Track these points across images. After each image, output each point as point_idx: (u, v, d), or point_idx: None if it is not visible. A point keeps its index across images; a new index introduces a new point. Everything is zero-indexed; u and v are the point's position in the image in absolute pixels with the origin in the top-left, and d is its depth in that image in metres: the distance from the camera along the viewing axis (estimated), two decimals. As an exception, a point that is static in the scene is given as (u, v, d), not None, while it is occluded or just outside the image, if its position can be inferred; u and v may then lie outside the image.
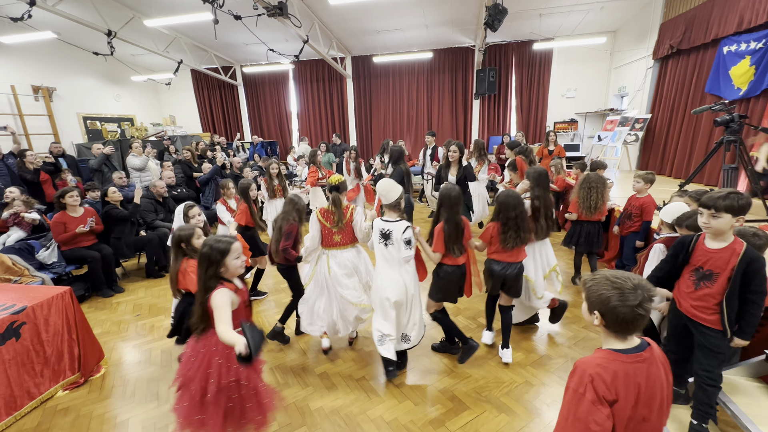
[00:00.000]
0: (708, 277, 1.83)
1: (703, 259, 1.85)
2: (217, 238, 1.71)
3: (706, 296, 1.84)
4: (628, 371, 1.09)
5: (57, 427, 2.26)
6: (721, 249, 1.78)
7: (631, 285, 1.08)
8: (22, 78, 7.96)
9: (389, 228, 2.40)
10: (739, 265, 1.71)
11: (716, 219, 1.72)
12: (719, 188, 3.66)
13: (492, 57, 9.40)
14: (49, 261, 3.91)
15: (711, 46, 5.69)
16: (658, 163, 6.94)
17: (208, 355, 1.69)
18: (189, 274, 2.22)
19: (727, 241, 1.78)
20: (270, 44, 7.82)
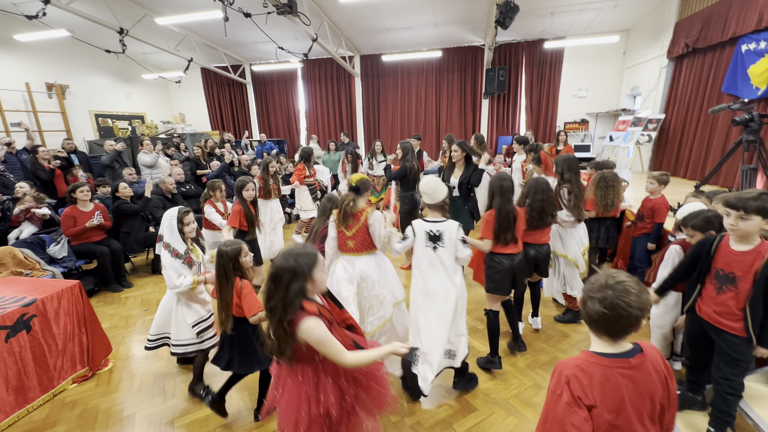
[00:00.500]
0: (731, 280, 1.74)
1: (725, 261, 1.76)
2: (299, 251, 1.41)
3: (729, 301, 1.75)
4: (607, 376, 1.03)
5: (64, 420, 2.27)
6: (747, 252, 1.69)
7: (602, 283, 1.04)
8: (36, 75, 8.08)
9: (438, 229, 2.20)
10: (764, 269, 1.62)
11: (745, 221, 1.62)
12: (737, 189, 3.57)
13: (502, 56, 9.31)
14: (59, 255, 3.95)
15: (729, 44, 5.55)
16: (672, 164, 6.80)
17: (299, 387, 1.44)
18: (248, 297, 1.97)
19: (753, 243, 1.68)
20: (279, 43, 7.83)
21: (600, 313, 1.02)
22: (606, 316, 1.01)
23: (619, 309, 0.99)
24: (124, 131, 9.97)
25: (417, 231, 2.26)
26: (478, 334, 3.10)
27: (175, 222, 2.37)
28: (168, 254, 2.32)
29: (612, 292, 1.01)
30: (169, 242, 2.34)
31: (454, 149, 3.83)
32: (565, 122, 9.29)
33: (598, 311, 1.02)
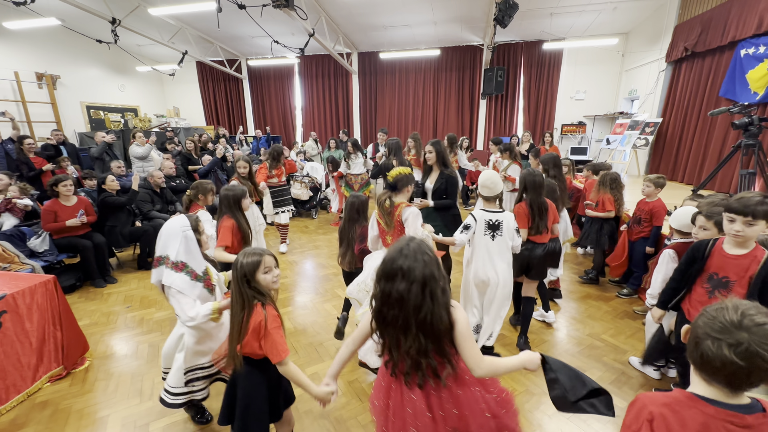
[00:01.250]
0: (724, 285, 1.70)
1: (720, 265, 1.72)
2: (422, 248, 1.22)
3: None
4: (709, 427, 0.83)
5: (33, 422, 2.16)
6: (742, 255, 1.65)
7: (732, 320, 0.80)
8: (25, 64, 7.91)
9: (497, 219, 2.40)
10: (759, 273, 1.58)
11: (751, 227, 1.57)
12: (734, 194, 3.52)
13: (500, 56, 9.25)
14: (40, 249, 3.82)
15: (727, 48, 5.52)
16: (669, 168, 6.77)
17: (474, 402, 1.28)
18: (273, 335, 1.47)
19: (749, 247, 1.65)
20: (276, 37, 7.72)
21: (728, 361, 0.78)
22: (735, 366, 0.78)
23: (759, 360, 0.76)
24: (116, 124, 9.80)
25: (478, 220, 2.42)
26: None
27: (192, 233, 1.84)
28: (183, 277, 1.77)
29: (749, 335, 0.77)
30: (185, 261, 1.79)
31: (428, 150, 3.42)
32: (563, 124, 9.25)
33: (724, 358, 0.78)
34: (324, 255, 4.95)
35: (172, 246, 1.79)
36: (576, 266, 4.43)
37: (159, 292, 3.77)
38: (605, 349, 2.84)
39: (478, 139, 9.96)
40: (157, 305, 3.59)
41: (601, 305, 3.52)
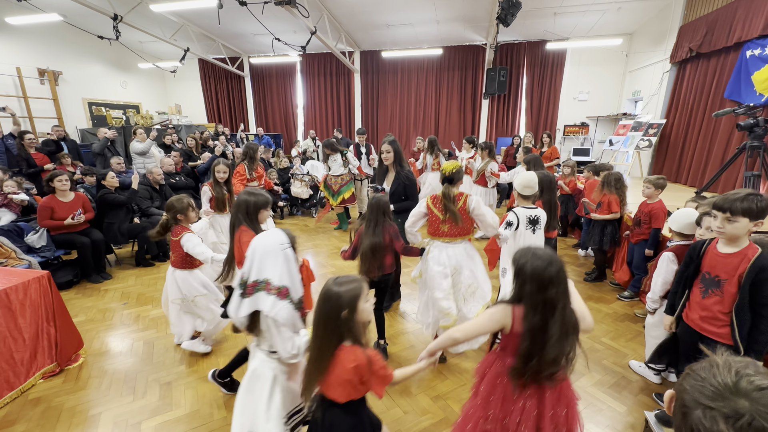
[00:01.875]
0: (716, 284, 1.66)
1: (711, 264, 1.69)
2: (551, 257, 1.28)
3: (713, 305, 1.67)
4: None
5: (25, 419, 2.14)
6: (732, 254, 1.61)
7: (726, 384, 0.61)
8: (27, 60, 7.91)
9: (536, 214, 2.59)
10: (749, 272, 1.54)
11: (732, 223, 1.54)
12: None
13: (503, 56, 9.19)
14: (37, 245, 3.81)
15: (733, 49, 5.46)
16: (673, 170, 6.70)
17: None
18: (379, 374, 1.29)
19: (740, 246, 1.61)
20: (278, 35, 7.69)
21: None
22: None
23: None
24: (118, 120, 9.79)
25: (520, 216, 2.56)
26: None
27: (292, 252, 1.52)
28: (287, 306, 1.44)
29: (750, 404, 0.58)
30: (288, 286, 1.46)
31: (386, 150, 3.19)
32: (566, 125, 9.19)
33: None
34: (323, 254, 4.92)
35: (271, 267, 1.44)
36: (577, 268, 4.39)
37: (157, 290, 3.79)
38: (605, 353, 2.79)
39: (481, 139, 9.90)
40: (154, 302, 3.57)
41: (601, 308, 3.47)
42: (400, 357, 2.74)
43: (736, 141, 5.20)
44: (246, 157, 4.31)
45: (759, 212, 1.50)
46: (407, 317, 3.32)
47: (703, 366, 0.67)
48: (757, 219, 1.51)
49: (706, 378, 0.64)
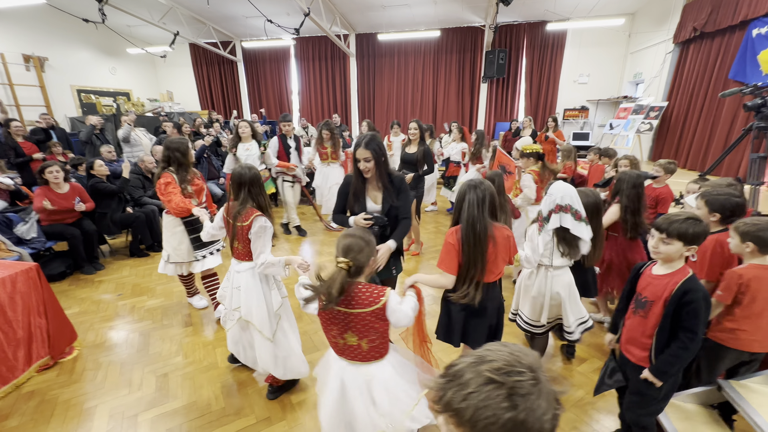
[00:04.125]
0: (642, 305, 1.59)
1: (642, 284, 1.62)
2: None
3: (637, 326, 1.61)
4: None
5: (18, 413, 2.10)
6: (663, 275, 1.54)
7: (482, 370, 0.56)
8: (11, 46, 7.64)
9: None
10: (674, 295, 1.47)
11: (666, 245, 1.50)
12: (744, 178, 3.41)
13: (502, 38, 8.97)
14: (27, 236, 3.72)
15: (738, 28, 5.31)
16: (672, 153, 6.63)
17: None
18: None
19: (673, 268, 1.54)
20: (270, 17, 7.43)
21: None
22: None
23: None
24: (108, 108, 9.57)
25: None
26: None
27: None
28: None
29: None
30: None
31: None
32: (565, 109, 9.05)
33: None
34: (319, 242, 4.87)
35: (577, 203, 2.05)
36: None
37: (151, 280, 3.73)
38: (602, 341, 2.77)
39: (479, 124, 9.76)
40: (149, 293, 3.52)
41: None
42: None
43: (740, 123, 5.11)
44: (173, 162, 2.72)
45: (693, 237, 1.46)
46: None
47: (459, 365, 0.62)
48: (691, 244, 1.47)
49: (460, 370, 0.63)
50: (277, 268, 2.00)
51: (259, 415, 2.07)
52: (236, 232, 2.04)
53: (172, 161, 2.71)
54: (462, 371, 0.57)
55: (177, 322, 3.02)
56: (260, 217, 1.97)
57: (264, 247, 2.00)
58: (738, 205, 1.96)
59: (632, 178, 2.55)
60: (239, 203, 2.02)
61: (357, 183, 2.07)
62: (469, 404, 0.53)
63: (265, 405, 2.14)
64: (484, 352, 0.59)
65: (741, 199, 1.98)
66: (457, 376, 0.57)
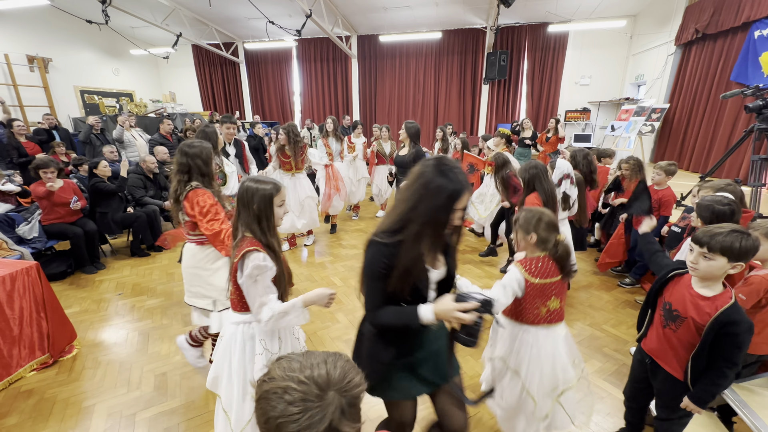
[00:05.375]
0: (673, 318, 1.49)
1: (676, 295, 1.49)
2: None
3: (668, 339, 1.52)
4: None
5: (17, 411, 2.11)
6: (702, 296, 1.40)
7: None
8: (16, 47, 7.71)
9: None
10: (712, 325, 1.35)
11: (707, 261, 1.34)
12: (744, 180, 3.39)
13: (504, 40, 8.98)
14: (29, 236, 3.74)
15: (741, 30, 5.31)
16: (675, 155, 6.62)
17: None
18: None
19: (714, 291, 1.39)
20: (272, 19, 7.47)
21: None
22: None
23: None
24: (111, 109, 9.63)
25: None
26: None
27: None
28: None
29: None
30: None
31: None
32: (567, 110, 9.04)
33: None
34: (321, 243, 4.87)
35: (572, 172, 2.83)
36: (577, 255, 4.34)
37: (151, 280, 3.75)
38: (606, 340, 2.76)
39: (480, 126, 9.76)
40: (148, 293, 3.53)
41: (602, 295, 3.43)
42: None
43: (742, 125, 5.10)
44: (192, 174, 2.12)
45: (740, 254, 1.29)
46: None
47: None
48: (737, 261, 1.31)
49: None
50: (293, 316, 1.43)
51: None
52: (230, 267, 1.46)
53: (193, 172, 2.05)
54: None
55: (176, 321, 3.02)
56: (255, 253, 1.37)
57: (266, 292, 1.41)
58: (722, 213, 1.91)
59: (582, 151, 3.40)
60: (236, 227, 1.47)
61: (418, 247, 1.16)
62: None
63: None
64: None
65: (727, 207, 1.93)
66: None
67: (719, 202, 1.92)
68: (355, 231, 5.38)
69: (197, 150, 2.06)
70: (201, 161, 2.06)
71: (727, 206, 1.90)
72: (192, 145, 2.06)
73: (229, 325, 1.53)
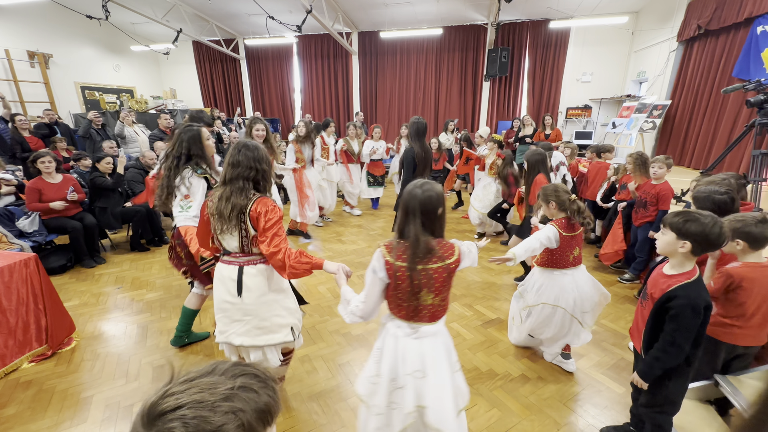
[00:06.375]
0: (645, 296, 1.59)
1: (653, 276, 1.58)
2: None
3: (638, 317, 1.63)
4: None
5: (16, 401, 2.12)
6: (666, 275, 1.48)
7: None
8: (16, 42, 7.71)
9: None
10: (662, 296, 1.43)
11: (662, 235, 1.47)
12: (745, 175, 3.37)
13: (505, 36, 8.93)
14: (29, 229, 3.75)
15: (743, 26, 5.26)
16: (677, 152, 6.58)
17: None
18: None
19: (676, 270, 1.46)
20: (272, 15, 7.44)
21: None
22: None
23: None
24: (111, 105, 9.62)
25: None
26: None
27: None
28: None
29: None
30: None
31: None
32: (568, 107, 9.00)
33: None
34: (321, 238, 4.87)
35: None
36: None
37: (151, 274, 3.75)
38: (605, 334, 2.76)
39: (481, 123, 9.73)
40: (148, 287, 3.54)
41: (601, 290, 3.43)
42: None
43: (743, 121, 5.07)
44: (259, 184, 1.81)
45: (685, 233, 1.38)
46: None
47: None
48: (683, 238, 1.38)
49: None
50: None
51: (254, 406, 2.08)
52: (428, 279, 1.34)
53: (260, 180, 1.68)
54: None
55: (175, 314, 3.02)
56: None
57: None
58: (723, 203, 1.93)
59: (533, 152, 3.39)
60: (427, 235, 1.35)
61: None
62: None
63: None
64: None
65: (726, 195, 1.94)
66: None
67: (716, 192, 1.92)
68: (354, 227, 5.38)
69: (264, 154, 1.69)
70: (268, 166, 1.72)
71: (726, 194, 1.90)
72: (255, 147, 1.67)
73: (436, 339, 1.43)
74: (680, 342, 1.41)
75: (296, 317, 1.85)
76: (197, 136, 2.20)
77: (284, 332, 1.77)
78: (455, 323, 2.91)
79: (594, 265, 3.98)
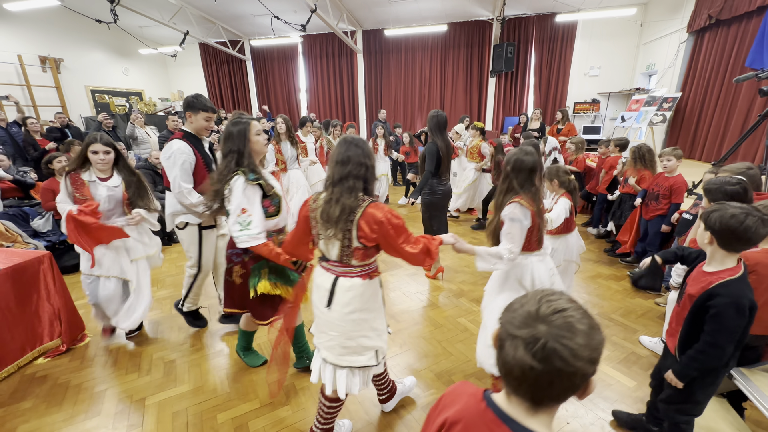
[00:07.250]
0: (682, 295, 1.52)
1: (692, 275, 1.51)
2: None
3: (675, 317, 1.55)
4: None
5: (32, 396, 2.17)
6: (707, 272, 1.41)
7: (531, 311, 0.64)
8: (28, 48, 7.87)
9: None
10: (703, 295, 1.34)
11: (697, 226, 1.50)
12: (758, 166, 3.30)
13: (510, 31, 8.86)
14: (43, 229, 3.84)
15: (756, 14, 5.14)
16: (688, 145, 6.47)
17: None
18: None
19: (715, 267, 1.39)
20: (277, 15, 7.49)
21: (526, 366, 0.58)
22: (535, 371, 0.58)
23: (558, 361, 0.57)
24: (121, 108, 9.78)
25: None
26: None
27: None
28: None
29: (547, 328, 0.59)
30: None
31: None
32: (576, 102, 8.90)
33: (520, 361, 0.59)
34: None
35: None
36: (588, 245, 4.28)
37: (161, 272, 3.80)
38: (615, 329, 2.73)
39: (487, 119, 9.67)
40: (159, 284, 3.59)
41: (611, 284, 3.39)
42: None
43: (756, 111, 4.96)
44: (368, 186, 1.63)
45: (707, 223, 1.34)
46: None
47: (517, 299, 0.67)
48: (707, 229, 1.34)
49: (516, 309, 0.64)
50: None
51: (263, 399, 2.10)
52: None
53: (369, 178, 1.51)
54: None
55: (185, 311, 3.07)
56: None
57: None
58: (736, 193, 1.87)
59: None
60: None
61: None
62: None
63: (269, 390, 2.16)
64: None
65: (738, 186, 1.89)
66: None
67: (728, 183, 1.88)
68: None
69: (369, 148, 1.53)
70: (374, 161, 1.57)
71: (738, 185, 1.85)
72: (357, 140, 1.51)
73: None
74: (722, 343, 1.31)
75: (383, 339, 1.67)
76: (244, 130, 1.84)
77: (368, 355, 1.61)
78: (463, 318, 2.90)
79: (602, 260, 3.93)
